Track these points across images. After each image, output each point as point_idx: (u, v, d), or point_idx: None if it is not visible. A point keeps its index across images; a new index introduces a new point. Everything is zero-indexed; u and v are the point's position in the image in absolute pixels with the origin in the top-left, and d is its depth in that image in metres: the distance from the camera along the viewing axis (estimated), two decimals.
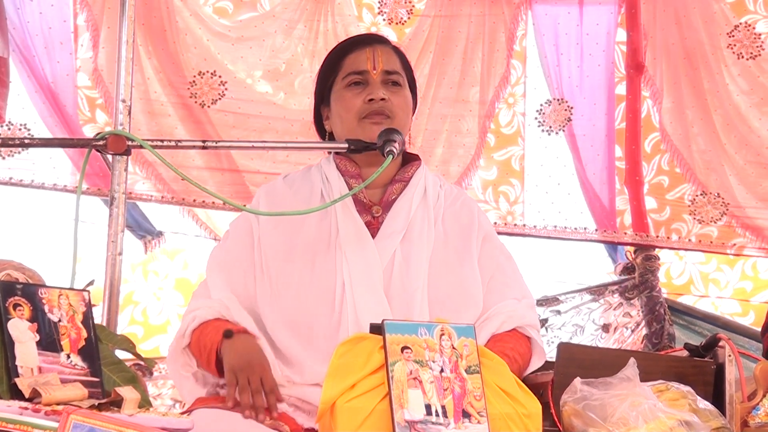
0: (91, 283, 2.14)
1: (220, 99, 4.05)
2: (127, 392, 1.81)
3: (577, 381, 2.36)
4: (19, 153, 3.86)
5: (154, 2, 3.98)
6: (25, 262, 2.19)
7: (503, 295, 2.54)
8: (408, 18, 4.24)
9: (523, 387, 2.10)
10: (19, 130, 3.87)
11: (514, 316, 2.51)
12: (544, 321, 4.31)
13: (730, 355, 2.52)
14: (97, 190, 3.88)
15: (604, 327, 4.35)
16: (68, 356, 1.90)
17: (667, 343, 4.25)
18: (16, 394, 1.80)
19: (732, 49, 4.25)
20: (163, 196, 4.00)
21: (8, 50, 3.74)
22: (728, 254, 4.37)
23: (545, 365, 2.68)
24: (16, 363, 1.83)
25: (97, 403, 1.81)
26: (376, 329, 2.01)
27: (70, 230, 2.36)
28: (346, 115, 2.57)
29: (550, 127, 4.30)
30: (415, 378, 1.94)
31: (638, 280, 4.36)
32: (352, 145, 2.49)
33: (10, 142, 3.32)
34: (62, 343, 1.90)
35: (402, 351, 1.96)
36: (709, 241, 4.31)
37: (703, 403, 2.39)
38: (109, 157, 2.47)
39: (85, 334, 1.94)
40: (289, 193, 2.61)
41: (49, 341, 1.88)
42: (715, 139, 4.27)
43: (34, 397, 1.78)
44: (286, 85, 4.09)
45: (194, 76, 4.02)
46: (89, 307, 1.97)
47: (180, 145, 2.67)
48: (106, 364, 1.99)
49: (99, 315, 2.54)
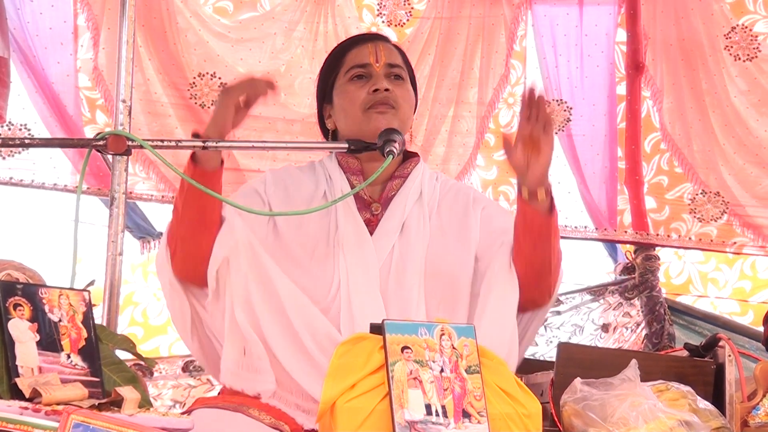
0: (92, 283, 2.14)
1: None
2: (128, 392, 1.81)
3: (577, 381, 2.36)
4: (20, 153, 3.86)
5: (154, 3, 3.98)
6: (25, 262, 2.19)
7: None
8: (408, 20, 4.24)
9: (523, 387, 2.11)
10: (20, 130, 3.87)
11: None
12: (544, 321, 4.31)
13: (730, 355, 2.53)
14: (97, 190, 3.88)
15: (604, 327, 4.35)
16: (68, 356, 1.90)
17: (667, 343, 4.25)
18: (17, 394, 1.80)
19: (729, 50, 4.25)
20: (163, 196, 3.99)
21: (8, 50, 3.73)
22: (728, 253, 4.37)
23: (545, 365, 2.68)
24: (17, 363, 1.83)
25: (97, 403, 1.81)
26: (376, 329, 2.01)
27: (70, 230, 2.36)
28: (351, 108, 2.57)
29: None
30: (415, 378, 1.94)
31: (638, 280, 4.36)
32: (353, 146, 2.49)
33: (10, 142, 3.32)
34: (62, 343, 1.90)
35: (402, 351, 1.96)
36: (709, 239, 4.31)
37: (703, 403, 2.39)
38: (109, 158, 2.47)
39: (85, 334, 1.94)
40: (293, 185, 2.62)
41: (50, 341, 1.89)
42: (714, 139, 4.27)
43: (35, 397, 1.78)
44: (286, 86, 4.08)
45: (194, 78, 4.02)
46: (89, 307, 1.97)
47: (180, 145, 2.67)
48: (106, 364, 1.99)
49: (99, 315, 2.54)
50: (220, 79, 4.03)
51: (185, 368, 4.02)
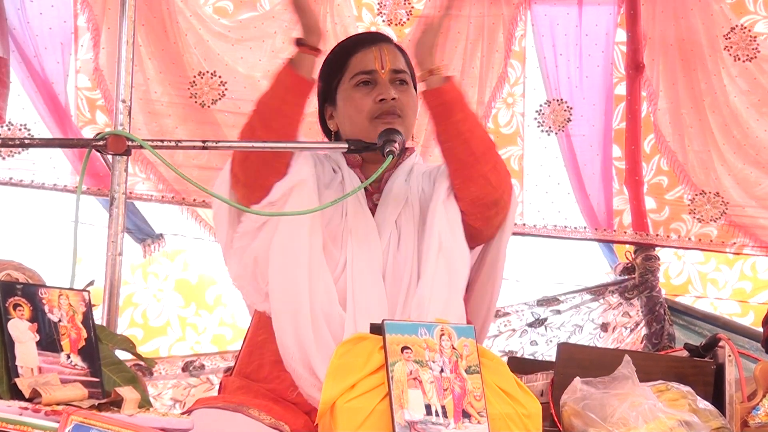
0: (92, 283, 2.14)
1: (220, 99, 4.05)
2: (127, 392, 1.81)
3: (577, 381, 2.36)
4: (19, 153, 3.87)
5: (154, 2, 3.98)
6: (25, 262, 2.19)
7: None
8: (407, 19, 4.23)
9: (523, 387, 2.11)
10: (19, 130, 3.87)
11: None
12: (544, 320, 4.31)
13: (730, 356, 2.53)
14: (97, 191, 3.88)
15: (603, 326, 4.35)
16: (68, 356, 1.90)
17: (667, 344, 4.25)
18: (16, 394, 1.80)
19: (729, 51, 4.25)
20: (163, 196, 4.00)
21: (8, 51, 3.74)
22: (727, 253, 4.37)
23: (545, 365, 2.68)
24: (16, 363, 1.82)
25: (97, 404, 1.81)
26: (376, 329, 2.02)
27: (70, 230, 2.35)
28: (357, 116, 2.59)
29: (550, 128, 4.30)
30: (415, 378, 1.95)
31: (638, 280, 4.36)
32: (352, 146, 2.50)
33: (10, 142, 3.33)
34: (62, 343, 1.90)
35: (402, 351, 1.96)
36: (708, 240, 4.31)
37: (703, 404, 2.39)
38: (109, 158, 2.48)
39: (85, 334, 1.94)
40: (321, 167, 2.65)
41: (49, 341, 1.88)
42: (712, 140, 4.27)
43: (34, 397, 1.78)
44: None
45: (194, 76, 4.02)
46: (89, 307, 1.97)
47: (180, 145, 2.67)
48: (106, 365, 1.98)
49: (99, 316, 2.54)
50: (220, 78, 4.04)
51: (185, 368, 4.03)
